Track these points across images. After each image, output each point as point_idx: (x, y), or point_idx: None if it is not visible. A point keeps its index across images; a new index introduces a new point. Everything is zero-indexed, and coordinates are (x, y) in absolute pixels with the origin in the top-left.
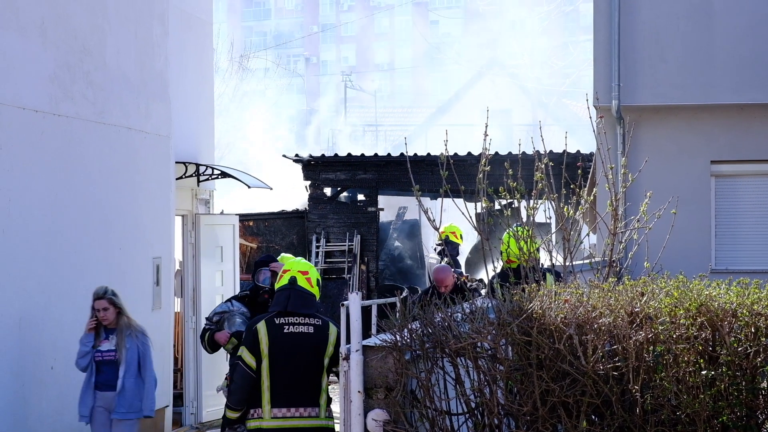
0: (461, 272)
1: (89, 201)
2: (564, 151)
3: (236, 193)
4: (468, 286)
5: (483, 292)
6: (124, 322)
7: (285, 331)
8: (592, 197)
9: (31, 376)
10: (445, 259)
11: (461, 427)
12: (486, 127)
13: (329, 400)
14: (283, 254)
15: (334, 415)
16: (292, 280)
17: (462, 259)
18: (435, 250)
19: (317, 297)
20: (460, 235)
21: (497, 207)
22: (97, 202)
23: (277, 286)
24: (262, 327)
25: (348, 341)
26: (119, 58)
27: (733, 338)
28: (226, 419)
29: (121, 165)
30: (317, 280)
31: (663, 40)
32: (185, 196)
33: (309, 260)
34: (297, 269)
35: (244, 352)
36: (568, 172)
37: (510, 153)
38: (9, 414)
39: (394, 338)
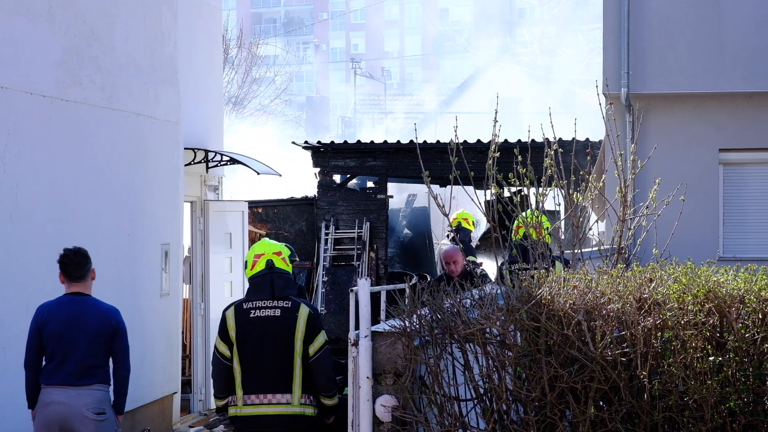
0: (474, 261)
1: (97, 187)
2: (573, 138)
3: (245, 179)
4: (479, 272)
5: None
6: None
7: (251, 315)
8: (601, 184)
9: None
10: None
11: (470, 412)
12: (496, 113)
13: (306, 386)
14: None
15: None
16: (270, 264)
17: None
18: (447, 236)
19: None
20: (473, 222)
21: (506, 194)
22: (105, 187)
23: (251, 273)
24: (230, 313)
25: (357, 327)
26: (128, 44)
27: (740, 324)
28: (216, 407)
29: (129, 151)
30: (288, 255)
31: (672, 28)
32: (194, 183)
33: (318, 247)
34: (271, 251)
35: (217, 340)
36: (578, 159)
37: (519, 141)
38: (23, 402)
39: (403, 324)
